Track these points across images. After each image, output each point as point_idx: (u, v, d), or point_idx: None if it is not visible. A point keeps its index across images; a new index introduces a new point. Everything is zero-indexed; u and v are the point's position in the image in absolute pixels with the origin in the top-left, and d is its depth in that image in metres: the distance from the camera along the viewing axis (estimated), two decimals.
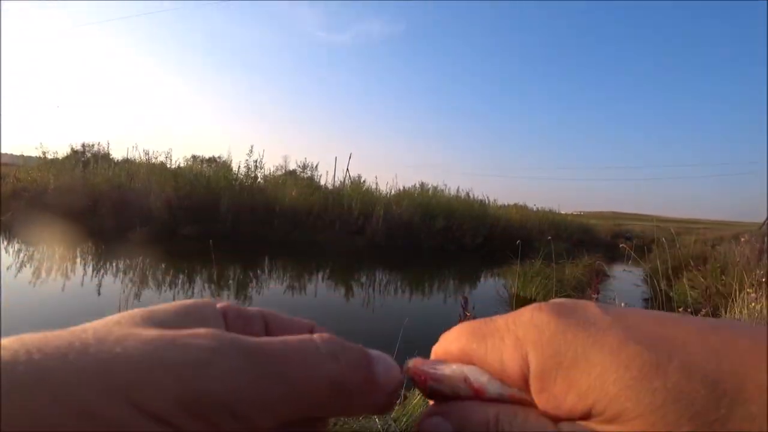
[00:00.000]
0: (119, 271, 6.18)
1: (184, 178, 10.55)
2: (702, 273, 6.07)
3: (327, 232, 10.93)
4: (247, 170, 11.41)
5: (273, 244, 9.93)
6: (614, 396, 0.15)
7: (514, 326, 0.19)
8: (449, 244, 11.61)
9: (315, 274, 7.39)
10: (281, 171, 13.54)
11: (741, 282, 3.77)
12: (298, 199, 11.15)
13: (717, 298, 3.86)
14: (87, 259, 6.89)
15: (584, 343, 0.16)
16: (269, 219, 10.70)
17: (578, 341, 0.16)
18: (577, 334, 0.17)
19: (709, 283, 4.38)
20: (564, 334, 0.17)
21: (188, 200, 10.04)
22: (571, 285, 6.34)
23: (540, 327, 0.18)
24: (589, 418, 0.16)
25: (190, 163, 12.12)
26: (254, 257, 8.52)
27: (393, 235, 11.10)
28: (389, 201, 11.96)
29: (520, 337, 0.18)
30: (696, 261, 7.69)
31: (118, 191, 10.04)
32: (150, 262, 6.89)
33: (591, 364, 0.16)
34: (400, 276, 8.04)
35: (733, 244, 7.35)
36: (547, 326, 0.18)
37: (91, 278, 5.52)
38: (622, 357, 0.15)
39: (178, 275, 6.25)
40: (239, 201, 10.43)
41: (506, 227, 12.79)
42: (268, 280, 6.73)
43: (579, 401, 0.16)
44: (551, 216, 15.85)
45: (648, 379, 0.15)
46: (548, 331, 0.17)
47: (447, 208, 12.27)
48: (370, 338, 4.26)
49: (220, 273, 6.56)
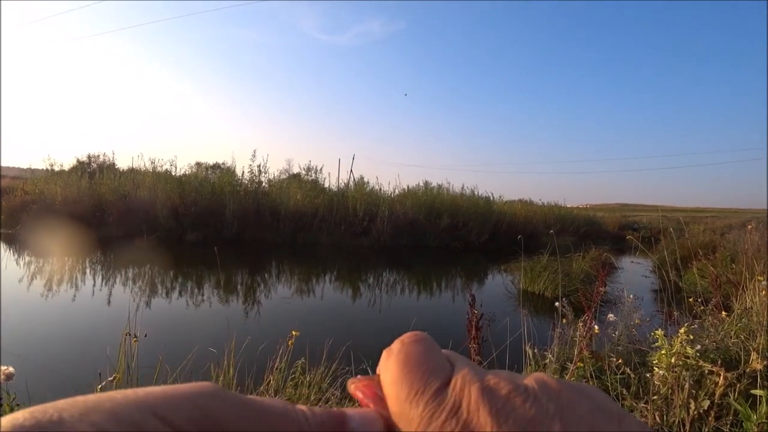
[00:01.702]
0: (128, 279, 6.24)
1: (190, 185, 10.63)
2: (711, 262, 6.01)
3: (332, 234, 10.96)
4: (252, 175, 11.47)
5: (279, 248, 9.98)
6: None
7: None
8: (455, 242, 11.60)
9: (322, 277, 7.41)
10: (285, 175, 13.61)
11: (751, 270, 3.74)
12: (302, 202, 11.18)
13: (727, 287, 3.82)
14: (96, 269, 6.96)
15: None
16: (274, 223, 10.75)
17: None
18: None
19: (719, 272, 4.34)
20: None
21: (194, 207, 10.12)
22: (579, 278, 6.31)
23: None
24: None
25: (195, 170, 12.20)
26: (261, 261, 8.56)
27: (398, 234, 11.11)
28: (393, 201, 11.96)
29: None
30: (705, 250, 7.62)
31: (125, 200, 10.13)
32: (158, 270, 6.95)
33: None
34: (407, 276, 8.04)
35: (742, 232, 7.28)
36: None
37: (100, 288, 5.58)
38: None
39: (187, 282, 6.31)
40: (244, 206, 10.49)
41: (512, 223, 12.75)
42: (275, 284, 6.75)
43: None
44: (557, 210, 15.78)
45: None
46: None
47: (451, 206, 12.25)
48: (379, 339, 4.27)
49: (227, 278, 6.60)
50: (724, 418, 1.70)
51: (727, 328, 2.63)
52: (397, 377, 0.21)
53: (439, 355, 0.22)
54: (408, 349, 0.22)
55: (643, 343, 2.57)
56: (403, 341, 0.23)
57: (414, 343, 0.22)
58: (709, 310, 2.99)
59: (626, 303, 2.96)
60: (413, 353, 0.22)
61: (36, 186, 10.72)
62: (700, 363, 1.80)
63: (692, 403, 1.67)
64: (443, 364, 0.21)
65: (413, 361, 0.21)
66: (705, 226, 12.21)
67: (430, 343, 0.23)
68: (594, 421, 0.17)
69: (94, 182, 10.86)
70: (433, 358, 0.21)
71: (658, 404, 1.77)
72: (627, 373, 1.99)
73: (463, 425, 0.17)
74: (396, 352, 0.22)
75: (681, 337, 1.85)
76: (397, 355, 0.22)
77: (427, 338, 0.23)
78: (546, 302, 5.97)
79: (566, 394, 0.19)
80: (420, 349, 0.22)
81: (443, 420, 0.18)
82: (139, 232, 9.44)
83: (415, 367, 0.21)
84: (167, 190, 10.16)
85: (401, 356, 0.21)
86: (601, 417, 0.18)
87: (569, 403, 0.18)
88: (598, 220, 18.05)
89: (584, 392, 0.19)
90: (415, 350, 0.22)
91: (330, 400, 2.15)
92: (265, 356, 2.26)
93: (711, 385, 1.74)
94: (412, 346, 0.22)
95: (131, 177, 11.15)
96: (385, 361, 0.22)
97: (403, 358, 0.21)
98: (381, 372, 0.22)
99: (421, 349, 0.22)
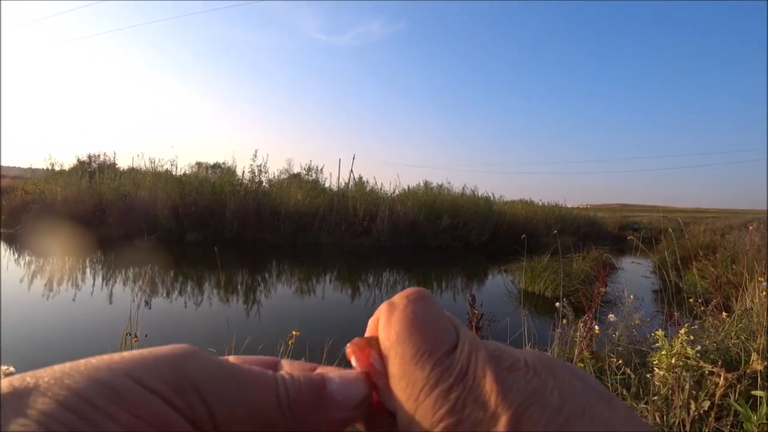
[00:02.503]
0: (128, 279, 6.24)
1: (190, 184, 10.63)
2: (712, 262, 6.01)
3: (333, 234, 10.96)
4: (252, 175, 11.47)
5: (279, 248, 9.98)
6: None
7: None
8: (455, 242, 11.59)
9: (322, 277, 7.41)
10: (285, 174, 13.61)
11: (752, 271, 3.73)
12: (303, 202, 11.18)
13: (727, 288, 3.82)
14: (96, 268, 6.96)
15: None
16: (275, 223, 10.75)
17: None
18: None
19: (720, 273, 4.34)
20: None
21: (194, 207, 10.12)
22: (579, 278, 6.31)
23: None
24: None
25: (195, 169, 12.19)
26: (261, 261, 8.56)
27: (398, 234, 11.10)
28: (394, 201, 11.96)
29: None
30: (705, 250, 7.61)
31: (125, 200, 10.13)
32: (158, 270, 6.96)
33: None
34: (407, 276, 8.04)
35: (743, 233, 7.28)
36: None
37: (101, 288, 5.58)
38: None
39: (187, 282, 6.31)
40: (245, 206, 10.48)
41: (512, 223, 12.75)
42: (276, 283, 6.76)
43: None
44: (557, 210, 15.78)
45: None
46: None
47: (452, 206, 12.24)
48: None
49: (228, 278, 6.60)
50: (725, 419, 1.70)
51: (727, 328, 2.63)
52: (402, 335, 0.20)
53: (444, 316, 0.21)
54: (415, 307, 0.21)
55: (644, 344, 2.57)
56: (408, 297, 0.21)
57: (421, 301, 0.21)
58: (709, 310, 2.99)
59: (626, 303, 2.96)
60: (421, 311, 0.20)
61: (36, 186, 10.72)
62: (701, 364, 1.80)
63: (692, 403, 1.67)
64: (449, 327, 0.20)
65: (421, 320, 0.20)
66: (705, 227, 12.20)
67: (435, 302, 0.22)
68: (588, 398, 0.17)
69: (95, 182, 10.86)
70: (440, 318, 0.21)
71: (659, 405, 1.77)
72: (627, 374, 1.99)
73: (469, 391, 0.17)
74: (402, 308, 0.21)
75: (681, 338, 1.85)
76: (402, 311, 0.21)
77: (432, 296, 0.22)
78: (546, 302, 5.96)
79: (560, 372, 0.19)
80: (427, 307, 0.21)
81: (450, 385, 0.18)
82: (140, 231, 9.43)
83: (423, 326, 0.20)
84: (167, 190, 10.16)
85: (408, 313, 0.20)
86: (593, 395, 0.18)
87: (564, 379, 0.18)
88: (598, 220, 18.05)
89: (576, 372, 0.19)
90: (423, 308, 0.21)
91: None
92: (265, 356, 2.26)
93: (711, 386, 1.74)
94: (419, 304, 0.21)
95: (131, 177, 11.15)
96: (387, 316, 0.21)
97: (410, 315, 0.20)
98: (381, 328, 0.21)
99: (428, 308, 0.21)
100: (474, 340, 0.20)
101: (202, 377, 0.18)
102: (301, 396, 0.19)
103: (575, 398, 0.17)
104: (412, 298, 0.21)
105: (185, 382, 0.17)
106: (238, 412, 0.18)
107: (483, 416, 0.16)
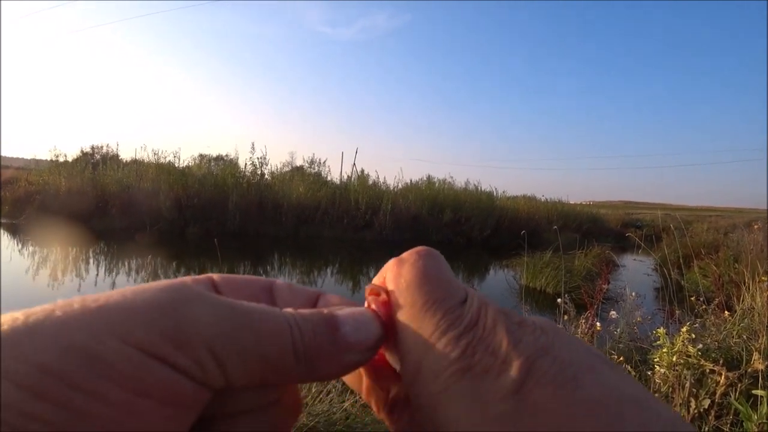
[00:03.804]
0: (131, 270, 6.27)
1: (193, 177, 10.64)
2: (714, 261, 5.99)
3: (335, 227, 10.97)
4: (254, 168, 11.47)
5: (281, 241, 10.00)
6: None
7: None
8: (457, 237, 11.60)
9: (324, 270, 7.43)
10: (288, 167, 13.61)
11: (754, 270, 3.72)
12: (305, 195, 11.19)
13: (729, 287, 3.81)
14: (100, 259, 7.00)
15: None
16: (277, 216, 10.76)
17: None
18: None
19: (722, 272, 4.33)
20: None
21: (197, 199, 10.14)
22: (581, 275, 6.31)
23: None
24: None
25: (198, 162, 12.20)
26: (263, 254, 8.59)
27: (400, 229, 11.11)
28: (396, 195, 11.95)
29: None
30: (708, 249, 7.59)
31: (128, 192, 10.15)
32: (161, 261, 6.99)
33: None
34: None
35: (746, 232, 7.25)
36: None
37: (104, 278, 5.61)
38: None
39: (189, 274, 6.33)
40: (247, 198, 10.50)
41: (514, 219, 12.73)
42: (278, 276, 6.78)
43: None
44: (560, 206, 15.72)
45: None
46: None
47: (454, 200, 12.23)
48: None
49: (230, 271, 6.62)
50: (725, 418, 1.71)
51: (729, 327, 2.63)
52: (414, 283, 0.19)
53: (453, 274, 0.21)
54: (426, 261, 0.21)
55: (645, 341, 2.57)
56: (419, 252, 0.21)
57: (431, 257, 0.21)
58: (711, 309, 2.98)
59: (628, 301, 2.96)
60: (432, 264, 0.20)
61: (40, 177, 10.76)
62: (702, 362, 1.80)
63: (693, 401, 1.67)
64: (459, 283, 0.20)
65: (431, 272, 0.20)
66: (709, 225, 12.17)
67: (444, 261, 0.21)
68: (591, 359, 0.17)
69: (98, 173, 10.88)
70: (450, 273, 0.21)
71: None
72: (628, 371, 2.00)
73: (479, 341, 0.17)
74: (412, 262, 0.21)
75: (683, 336, 1.85)
76: (414, 263, 0.20)
77: (441, 255, 0.22)
78: (548, 298, 5.97)
79: (567, 336, 0.19)
80: (437, 263, 0.21)
81: (460, 332, 0.17)
82: (142, 223, 9.47)
83: (434, 278, 0.20)
84: (170, 182, 10.17)
85: (419, 265, 0.20)
86: (598, 359, 0.18)
87: (571, 341, 0.18)
88: (601, 217, 17.98)
89: (580, 340, 0.19)
90: (433, 263, 0.21)
91: (331, 392, 2.17)
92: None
93: (712, 385, 1.74)
94: (429, 259, 0.21)
95: (134, 168, 11.16)
96: (396, 269, 0.21)
97: (421, 266, 0.20)
98: (390, 279, 0.21)
99: (438, 263, 0.21)
100: (483, 297, 0.20)
101: (209, 325, 0.15)
102: (316, 341, 0.18)
103: (582, 358, 0.17)
104: (423, 254, 0.21)
105: (190, 334, 0.14)
106: (251, 363, 0.16)
107: (494, 363, 0.16)
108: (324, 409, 2.05)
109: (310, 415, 1.95)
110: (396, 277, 0.20)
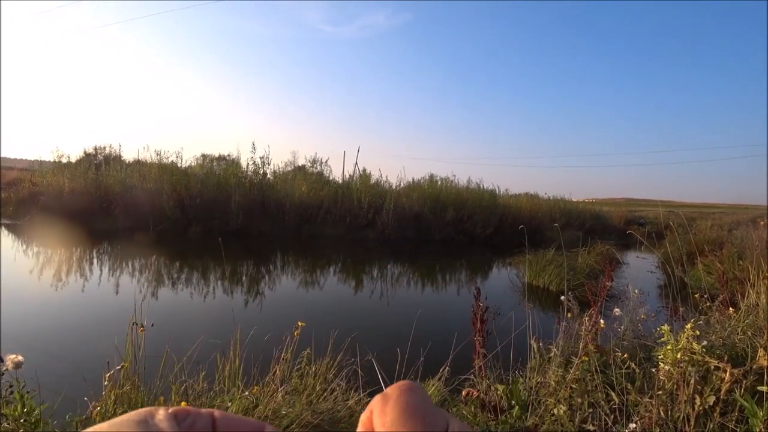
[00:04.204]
0: (135, 270, 6.29)
1: (195, 176, 10.66)
2: (718, 258, 5.97)
3: (337, 226, 10.98)
4: (256, 167, 11.48)
5: (284, 240, 10.02)
6: None
7: None
8: (460, 235, 11.58)
9: (327, 269, 7.44)
10: (290, 167, 13.61)
11: (759, 267, 3.70)
12: (307, 195, 11.19)
13: (734, 284, 3.79)
14: (103, 259, 7.03)
15: None
16: (280, 215, 10.78)
17: None
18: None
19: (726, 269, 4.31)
20: None
21: (199, 198, 10.16)
22: (584, 273, 6.29)
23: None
24: None
25: (200, 161, 12.22)
26: (266, 253, 8.60)
27: (403, 227, 11.10)
28: (398, 194, 11.94)
29: None
30: (712, 246, 7.55)
31: (131, 192, 10.19)
32: (164, 261, 7.01)
33: None
34: (412, 268, 8.05)
35: (751, 228, 7.21)
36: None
37: (108, 279, 5.63)
38: None
39: (192, 273, 6.35)
40: (249, 198, 10.52)
41: (517, 217, 12.70)
42: (280, 275, 6.79)
43: None
44: (563, 204, 15.67)
45: None
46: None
47: (457, 199, 12.21)
48: (384, 331, 4.28)
49: (233, 270, 6.65)
50: (730, 414, 1.70)
51: (733, 324, 2.61)
52: (397, 421, 0.21)
53: (435, 406, 0.23)
54: (408, 397, 0.22)
55: (649, 338, 2.56)
56: (401, 388, 0.23)
57: (412, 391, 0.23)
58: (715, 306, 2.97)
59: (632, 298, 2.95)
60: (413, 401, 0.22)
61: (44, 178, 10.81)
62: (706, 359, 1.79)
63: (697, 398, 1.67)
64: (440, 417, 0.22)
65: (413, 408, 0.21)
66: (713, 222, 12.10)
67: (425, 393, 0.23)
68: None
69: (101, 174, 10.92)
70: (432, 408, 0.22)
71: (663, 399, 1.77)
72: (632, 368, 1.99)
73: None
74: (395, 398, 0.22)
75: (687, 333, 1.84)
76: (396, 400, 0.22)
77: (422, 387, 0.23)
78: (551, 296, 5.96)
79: None
80: (420, 398, 0.22)
81: None
82: (145, 223, 9.50)
83: (417, 414, 0.21)
84: (173, 182, 10.20)
85: (401, 402, 0.22)
86: None
87: None
88: (603, 214, 17.91)
89: None
90: (416, 398, 0.22)
91: (335, 390, 2.17)
92: (271, 347, 2.27)
93: (717, 381, 1.73)
94: (411, 394, 0.22)
95: (137, 169, 11.20)
96: (381, 407, 0.22)
97: (403, 404, 0.22)
98: (376, 416, 0.22)
99: (420, 398, 0.22)
100: (462, 425, 0.21)
101: None
102: None
103: None
104: (404, 389, 0.23)
105: None
106: None
107: None
108: (328, 407, 2.05)
109: (315, 412, 1.96)
110: (381, 415, 0.22)
